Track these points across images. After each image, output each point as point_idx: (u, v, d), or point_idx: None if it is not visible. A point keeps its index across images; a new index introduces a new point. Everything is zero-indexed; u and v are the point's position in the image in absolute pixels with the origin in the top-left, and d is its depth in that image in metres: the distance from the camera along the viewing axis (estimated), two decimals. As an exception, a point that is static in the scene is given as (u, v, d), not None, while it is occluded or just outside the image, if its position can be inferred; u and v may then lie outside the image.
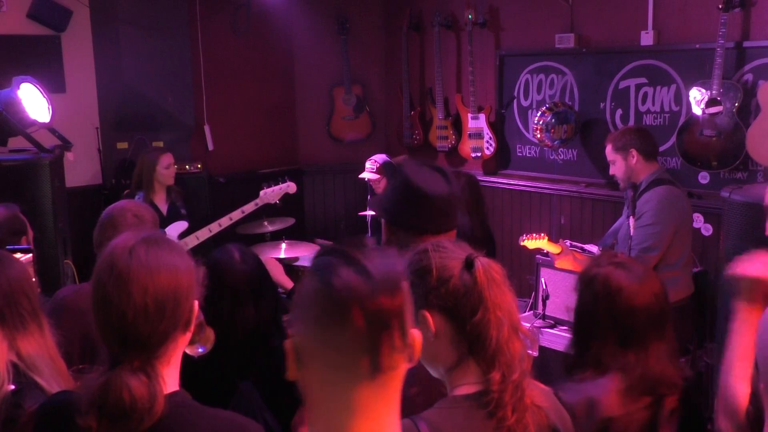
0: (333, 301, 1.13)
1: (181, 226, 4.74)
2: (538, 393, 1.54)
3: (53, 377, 1.86)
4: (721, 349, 1.92)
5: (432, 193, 2.09)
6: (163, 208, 4.91)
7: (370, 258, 1.16)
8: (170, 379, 1.49)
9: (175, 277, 1.47)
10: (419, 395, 1.88)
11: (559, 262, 4.01)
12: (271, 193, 4.87)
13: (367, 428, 1.14)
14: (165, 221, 4.74)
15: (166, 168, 4.88)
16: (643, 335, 2.00)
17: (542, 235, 4.01)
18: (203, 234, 4.72)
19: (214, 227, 4.76)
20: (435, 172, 2.17)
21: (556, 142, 5.21)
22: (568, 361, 2.14)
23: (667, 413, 1.99)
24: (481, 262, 1.51)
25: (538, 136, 5.21)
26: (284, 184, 4.89)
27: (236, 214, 4.81)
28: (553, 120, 5.13)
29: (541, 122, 5.16)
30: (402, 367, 1.17)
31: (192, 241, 4.64)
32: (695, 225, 4.63)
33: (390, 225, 2.17)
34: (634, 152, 3.81)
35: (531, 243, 4.01)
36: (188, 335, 1.54)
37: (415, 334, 1.19)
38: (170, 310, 1.45)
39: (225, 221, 4.78)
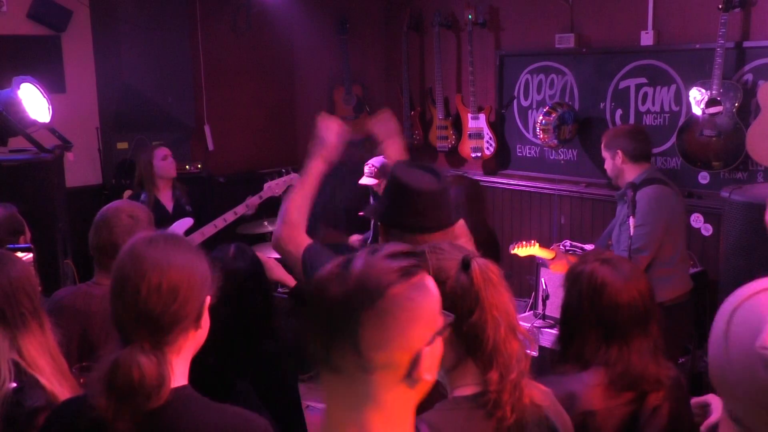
0: (309, 291, 1.17)
1: (187, 223, 4.73)
2: (537, 393, 1.54)
3: (54, 375, 1.87)
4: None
5: (421, 189, 2.09)
6: (169, 205, 4.87)
7: (362, 259, 1.16)
8: (179, 372, 1.53)
9: (189, 269, 1.53)
10: None
11: (554, 267, 4.02)
12: (275, 186, 4.88)
13: (350, 420, 1.14)
14: (171, 218, 4.74)
15: (162, 159, 4.80)
16: (626, 331, 2.01)
17: (532, 242, 4.02)
18: (209, 230, 4.71)
19: (219, 223, 4.75)
20: (424, 171, 2.17)
21: (558, 142, 5.21)
22: (554, 357, 2.15)
23: (650, 410, 2.00)
24: (478, 262, 1.51)
25: (541, 136, 5.21)
26: (288, 176, 4.90)
27: (240, 209, 4.80)
28: (557, 120, 5.13)
29: (544, 122, 5.16)
30: (369, 379, 1.13)
31: (198, 237, 4.64)
32: (695, 225, 4.63)
33: (385, 227, 2.17)
34: (620, 153, 3.83)
35: (522, 251, 4.03)
36: (200, 332, 1.57)
37: (423, 353, 1.15)
38: (183, 294, 1.50)
39: (230, 216, 4.77)
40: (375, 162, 5.03)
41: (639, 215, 3.64)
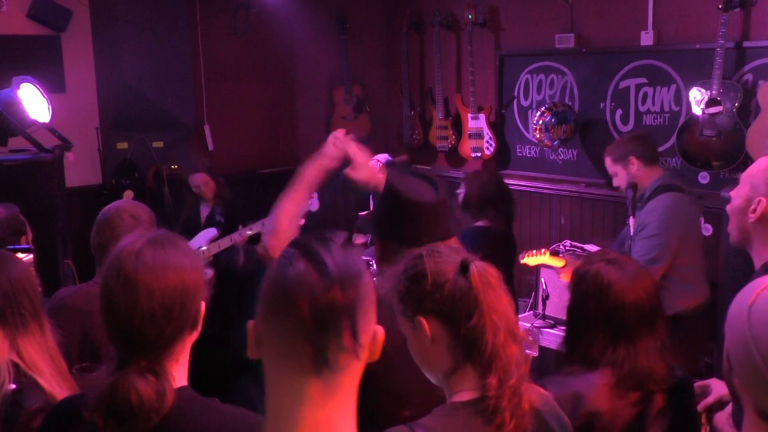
0: (284, 291, 1.15)
1: (211, 233, 4.78)
2: (536, 397, 1.52)
3: (54, 377, 1.86)
4: (720, 350, 1.96)
5: (419, 201, 2.03)
6: (204, 216, 5.09)
7: (332, 253, 1.17)
8: (179, 375, 1.52)
9: (181, 278, 1.49)
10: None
11: (563, 275, 4.00)
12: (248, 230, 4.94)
13: (313, 421, 1.14)
14: (200, 227, 4.89)
15: (195, 188, 5.06)
16: (633, 331, 2.01)
17: (543, 251, 4.01)
18: (225, 243, 4.77)
19: (236, 237, 4.79)
20: (421, 180, 2.11)
21: (555, 142, 5.21)
22: (559, 357, 2.14)
23: (656, 411, 2.00)
24: (477, 266, 1.49)
25: (538, 136, 5.21)
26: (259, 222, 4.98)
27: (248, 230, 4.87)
28: (552, 120, 5.13)
29: (540, 122, 5.16)
30: (353, 366, 1.17)
31: (214, 248, 4.69)
32: (695, 225, 4.61)
33: (381, 240, 2.11)
34: (633, 159, 3.69)
35: (532, 260, 4.01)
36: (195, 334, 1.56)
37: (378, 332, 1.21)
38: (177, 313, 1.47)
39: (245, 231, 4.83)
40: (381, 158, 5.04)
41: (653, 225, 3.56)
